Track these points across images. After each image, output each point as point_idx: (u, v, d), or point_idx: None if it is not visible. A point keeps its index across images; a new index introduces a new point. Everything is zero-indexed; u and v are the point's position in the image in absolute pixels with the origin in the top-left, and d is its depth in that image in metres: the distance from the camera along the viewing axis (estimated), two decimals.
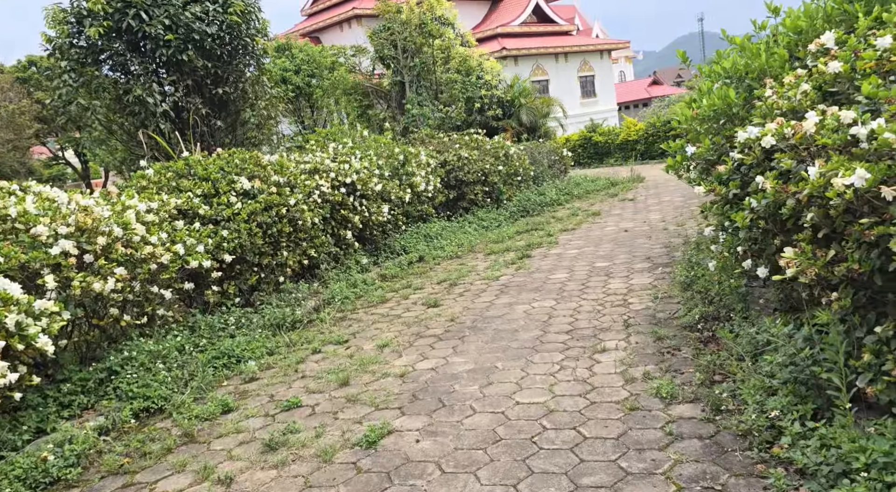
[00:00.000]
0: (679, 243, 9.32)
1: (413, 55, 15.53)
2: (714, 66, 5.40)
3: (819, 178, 2.96)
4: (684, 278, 6.86)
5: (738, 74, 5.02)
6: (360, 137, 11.82)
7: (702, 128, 4.93)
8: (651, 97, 61.73)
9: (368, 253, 10.36)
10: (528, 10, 41.90)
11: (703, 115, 4.78)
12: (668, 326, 5.75)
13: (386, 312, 7.72)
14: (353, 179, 9.76)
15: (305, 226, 8.37)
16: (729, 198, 4.42)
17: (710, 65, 5.54)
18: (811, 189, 2.95)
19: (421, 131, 14.71)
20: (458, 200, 13.26)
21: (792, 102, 3.76)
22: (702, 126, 4.92)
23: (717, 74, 5.31)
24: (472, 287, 8.44)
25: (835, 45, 3.92)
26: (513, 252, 10.34)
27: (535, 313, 6.81)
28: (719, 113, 4.69)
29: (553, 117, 21.31)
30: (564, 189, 16.35)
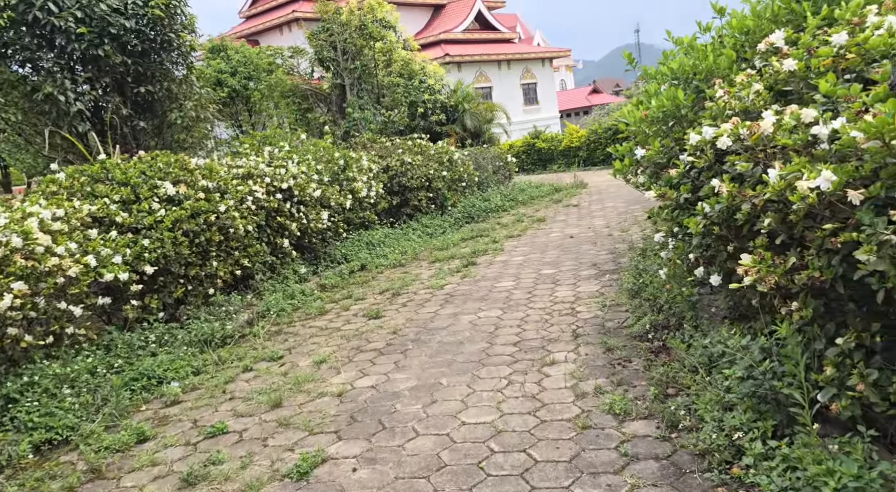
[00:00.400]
0: (624, 249, 9.24)
1: (353, 58, 15.12)
2: (660, 68, 5.26)
3: (780, 181, 2.77)
4: (632, 286, 6.72)
5: (685, 75, 4.88)
6: (298, 141, 11.34)
7: (650, 130, 4.76)
8: (591, 105, 62.91)
9: (307, 262, 9.90)
10: (470, 17, 41.99)
11: (652, 116, 4.61)
12: (618, 335, 5.56)
13: (325, 325, 7.30)
14: (290, 184, 9.29)
15: (238, 234, 7.87)
16: (680, 203, 4.25)
17: (657, 66, 5.39)
18: (772, 193, 2.75)
19: (362, 136, 14.32)
20: (402, 206, 12.92)
21: (744, 103, 3.59)
22: (650, 128, 4.75)
23: (664, 76, 5.16)
24: (415, 297, 8.11)
25: (785, 45, 3.79)
26: (458, 259, 10.06)
27: (481, 324, 6.53)
28: (668, 115, 4.53)
29: (497, 123, 21.24)
30: (509, 195, 16.23)
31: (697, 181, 4.15)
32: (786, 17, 4.30)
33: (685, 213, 4.23)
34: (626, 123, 5.32)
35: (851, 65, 3.05)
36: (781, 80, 3.48)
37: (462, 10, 42.56)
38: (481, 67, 40.77)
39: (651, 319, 5.47)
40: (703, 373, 4.02)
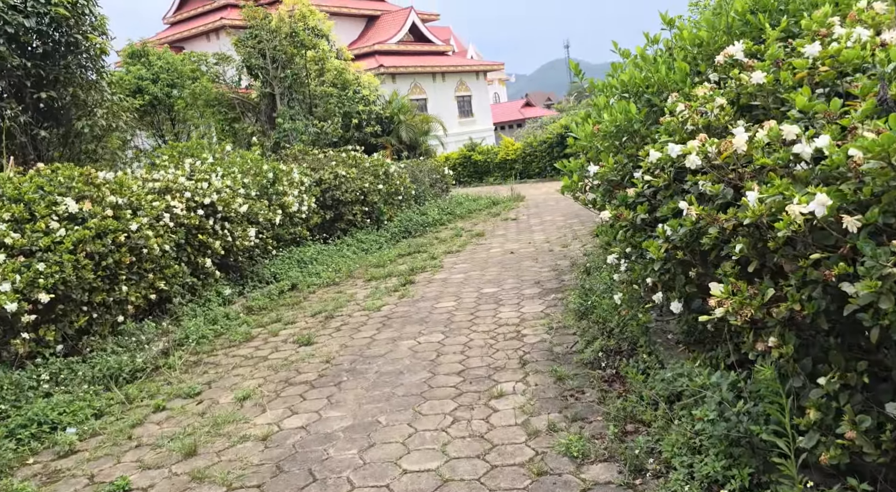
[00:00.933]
0: (566, 266, 9.01)
1: (284, 66, 14.47)
2: (609, 80, 5.00)
3: (759, 205, 2.47)
4: (578, 306, 6.44)
5: (636, 88, 4.63)
6: (223, 153, 10.63)
7: (602, 145, 4.47)
8: (525, 118, 63.84)
9: (232, 282, 9.20)
10: (404, 29, 41.79)
11: (604, 131, 4.32)
12: (568, 362, 5.23)
13: (250, 354, 6.68)
14: (214, 199, 8.62)
15: (153, 254, 7.15)
16: (636, 223, 3.95)
17: (605, 78, 5.14)
18: (752, 217, 2.45)
19: (294, 147, 13.67)
20: (336, 220, 12.35)
21: (707, 118, 3.32)
22: (602, 143, 4.46)
23: (613, 88, 4.91)
24: (350, 320, 7.59)
25: (745, 57, 3.56)
26: (395, 278, 9.60)
27: (421, 350, 6.09)
28: (621, 129, 4.25)
29: (433, 135, 20.93)
30: (447, 209, 15.90)
31: (654, 201, 3.88)
32: (740, 30, 4.11)
33: (642, 234, 3.94)
34: (574, 138, 5.03)
35: (825, 78, 2.81)
36: (747, 94, 3.23)
37: (396, 22, 42.32)
38: (416, 79, 40.55)
39: (602, 345, 5.17)
40: (665, 408, 3.71)
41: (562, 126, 24.40)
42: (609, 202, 4.28)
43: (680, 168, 3.58)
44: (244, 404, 5.25)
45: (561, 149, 24.48)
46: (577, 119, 5.24)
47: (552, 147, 24.59)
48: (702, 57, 4.30)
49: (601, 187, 4.35)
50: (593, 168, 4.21)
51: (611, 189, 4.33)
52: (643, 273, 4.03)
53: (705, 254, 3.35)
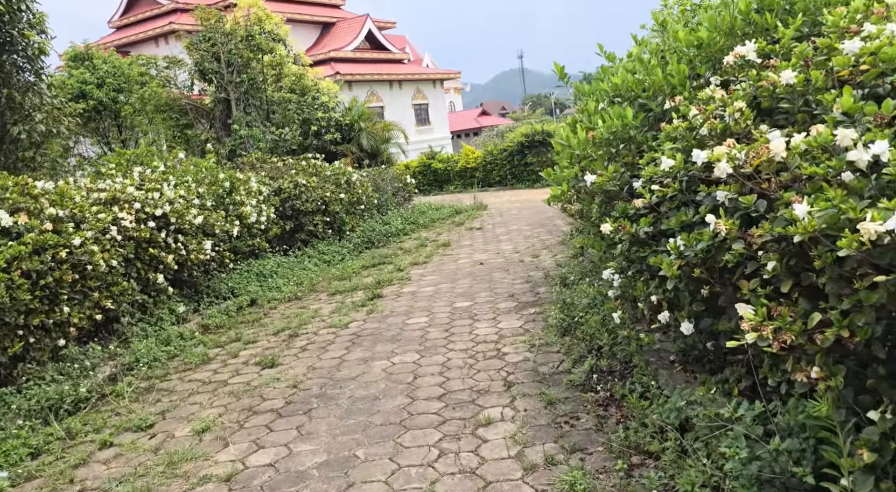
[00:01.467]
0: (540, 278, 8.73)
1: (240, 70, 13.85)
2: (598, 84, 4.72)
3: (810, 219, 2.17)
4: (560, 322, 6.14)
5: (628, 93, 4.36)
6: (175, 161, 10.01)
7: (596, 154, 4.17)
8: (481, 127, 64.08)
9: (187, 299, 8.60)
10: (360, 37, 41.36)
11: (599, 138, 4.02)
12: (556, 384, 4.90)
13: (208, 378, 6.15)
14: (166, 210, 8.02)
15: (98, 271, 6.55)
16: (639, 237, 3.65)
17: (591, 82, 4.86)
18: (803, 232, 2.16)
19: (251, 155, 13.08)
20: (296, 231, 11.82)
21: (725, 122, 3.04)
22: (596, 151, 4.16)
23: (603, 92, 4.62)
24: (316, 338, 7.11)
25: (757, 57, 3.30)
26: (361, 291, 9.15)
27: (396, 372, 5.67)
28: (617, 136, 3.95)
29: (394, 143, 20.53)
30: (410, 218, 15.51)
31: (658, 213, 3.58)
32: (743, 30, 3.87)
33: (645, 249, 3.65)
34: (563, 145, 4.72)
35: (868, 78, 2.55)
36: (768, 96, 2.96)
37: (352, 29, 41.86)
38: (373, 87, 40.11)
39: (592, 365, 4.86)
40: (675, 438, 3.40)
41: (522, 135, 24.35)
42: (608, 214, 3.98)
43: (690, 178, 3.30)
44: (203, 437, 4.74)
45: (521, 157, 24.45)
46: (563, 126, 4.94)
47: (513, 156, 24.51)
48: (700, 59, 4.05)
49: (598, 198, 4.05)
50: (590, 177, 3.91)
51: (609, 200, 4.03)
52: (646, 290, 3.73)
53: (724, 271, 3.06)
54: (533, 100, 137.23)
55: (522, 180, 24.47)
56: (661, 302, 3.62)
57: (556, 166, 5.32)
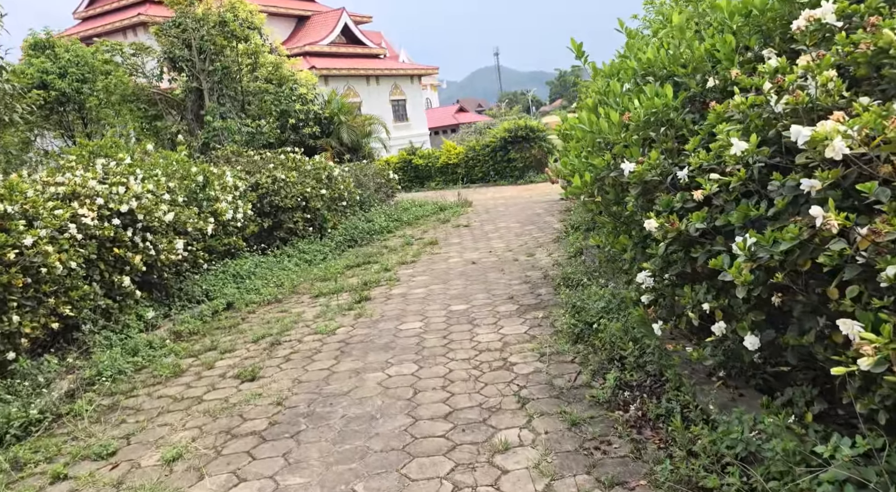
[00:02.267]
0: (538, 278, 8.20)
1: (212, 58, 13.08)
2: (624, 62, 4.18)
3: None
4: (570, 328, 5.61)
5: (662, 70, 3.82)
6: (143, 153, 9.27)
7: (630, 139, 3.62)
8: (459, 123, 63.62)
9: (157, 303, 7.91)
10: (336, 31, 40.54)
11: (636, 120, 3.48)
12: (577, 400, 4.36)
13: (180, 393, 5.50)
14: (133, 206, 7.33)
15: (54, 274, 5.87)
16: (690, 235, 3.11)
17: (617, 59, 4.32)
18: None
19: (226, 148, 12.34)
20: (275, 229, 11.14)
21: (809, 95, 2.52)
22: (630, 137, 3.61)
23: (630, 71, 4.08)
24: (301, 346, 6.49)
25: (837, 20, 2.78)
26: (347, 293, 8.53)
27: (394, 386, 5.09)
28: (658, 118, 3.41)
29: (376, 137, 19.86)
30: (393, 215, 14.90)
31: (714, 206, 3.05)
32: None
33: (697, 249, 3.11)
34: (585, 130, 4.17)
35: None
36: (865, 63, 2.44)
37: (328, 23, 41.00)
38: (349, 82, 39.29)
39: (616, 378, 4.32)
40: (738, 473, 2.87)
41: (505, 130, 23.84)
42: (647, 209, 3.43)
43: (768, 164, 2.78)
44: (174, 467, 4.11)
45: (504, 153, 23.92)
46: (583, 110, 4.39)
47: (495, 151, 23.97)
48: (749, 29, 3.53)
49: (633, 190, 3.50)
50: (628, 166, 3.36)
51: (646, 192, 3.49)
52: (695, 297, 3.20)
53: (808, 277, 2.54)
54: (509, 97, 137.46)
55: (505, 177, 23.97)
56: (715, 311, 3.09)
57: (569, 155, 4.77)
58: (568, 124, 6.49)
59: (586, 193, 4.15)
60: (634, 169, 3.34)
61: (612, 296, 5.44)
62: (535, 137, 23.42)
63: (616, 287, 5.67)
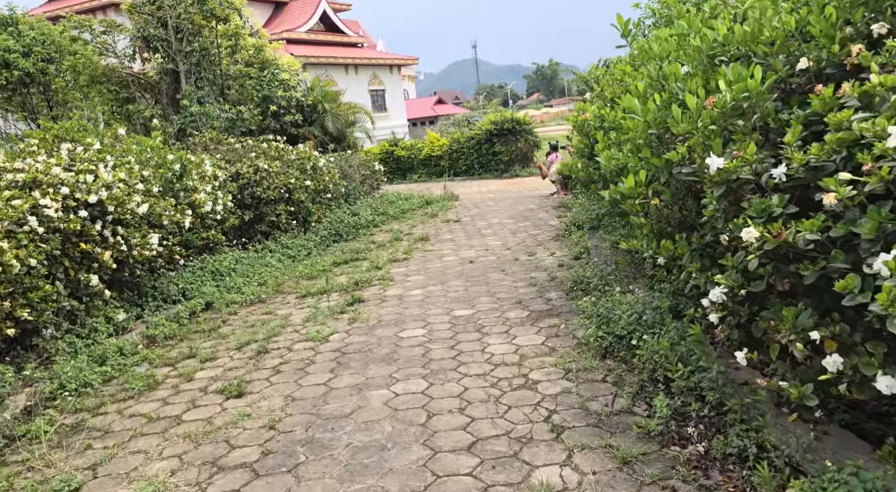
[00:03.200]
0: (544, 280, 7.64)
1: (189, 39, 12.23)
2: (686, 41, 3.61)
3: None
4: (596, 340, 5.06)
5: (738, 48, 3.26)
6: (113, 138, 8.49)
7: (706, 130, 3.05)
8: (437, 115, 63.02)
9: (128, 303, 7.18)
10: (315, 17, 39.56)
11: (722, 107, 2.91)
12: (621, 430, 3.80)
13: (155, 412, 4.82)
14: (102, 196, 6.59)
15: (11, 273, 5.14)
16: (798, 247, 2.56)
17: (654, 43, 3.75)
18: None
19: (204, 135, 11.54)
20: (256, 222, 10.42)
21: None
22: (705, 128, 3.04)
23: (695, 50, 3.51)
24: (291, 355, 5.84)
25: None
26: (337, 294, 7.89)
27: (403, 407, 4.48)
28: (753, 104, 2.85)
29: (360, 127, 19.10)
30: (379, 208, 14.25)
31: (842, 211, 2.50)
32: None
33: (808, 266, 2.56)
34: (636, 119, 3.59)
35: None
36: None
37: (306, 10, 39.97)
38: (328, 71, 38.28)
39: (668, 405, 3.78)
40: None
41: (490, 122, 23.26)
42: (734, 214, 2.87)
43: None
44: None
45: (490, 145, 23.34)
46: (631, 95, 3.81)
47: (480, 144, 23.40)
48: (851, 1, 2.98)
49: (716, 191, 2.93)
50: (716, 162, 2.79)
51: (730, 193, 2.92)
52: (800, 324, 2.65)
53: None
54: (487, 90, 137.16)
55: (490, 170, 23.43)
56: (826, 341, 2.54)
57: (611, 148, 4.20)
58: (592, 114, 5.92)
59: (640, 194, 3.58)
60: (724, 165, 2.77)
61: (645, 305, 4.89)
62: (521, 130, 22.91)
63: (647, 295, 5.13)
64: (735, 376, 3.75)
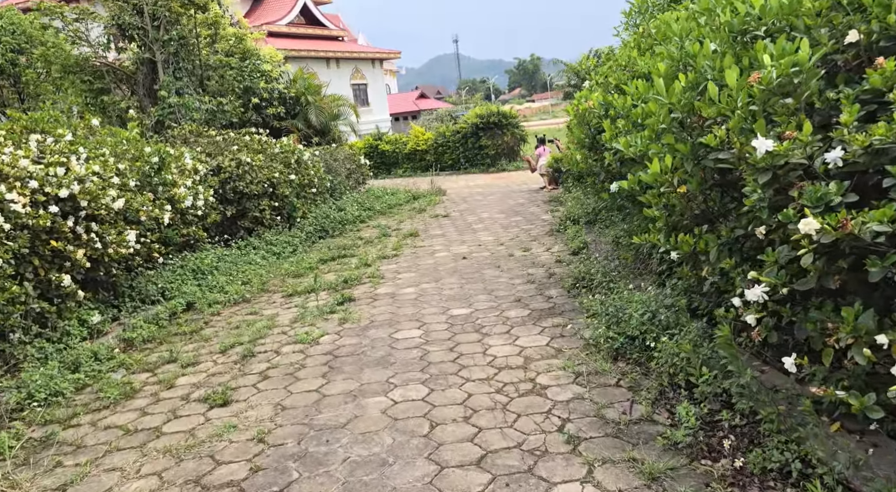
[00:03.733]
0: (542, 276, 7.35)
1: (167, 27, 11.74)
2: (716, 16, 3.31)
3: None
4: (606, 341, 4.77)
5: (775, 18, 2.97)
6: (87, 130, 8.03)
7: (743, 111, 2.75)
8: (420, 110, 62.67)
9: (104, 304, 6.77)
10: (295, 10, 38.99)
11: (768, 83, 2.61)
12: (643, 441, 3.50)
13: (133, 423, 4.45)
14: (74, 190, 6.18)
15: None
16: (865, 241, 2.27)
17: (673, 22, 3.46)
18: None
19: (183, 127, 11.07)
20: (239, 218, 10.01)
21: None
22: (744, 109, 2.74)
23: (721, 27, 3.21)
24: (279, 359, 5.48)
25: None
26: (325, 292, 7.54)
27: (402, 416, 4.15)
28: (807, 79, 2.55)
29: (345, 120, 18.65)
30: (365, 203, 13.88)
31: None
32: None
33: (878, 261, 2.27)
34: (661, 102, 3.29)
35: None
36: None
37: (286, 2, 39.38)
38: (309, 64, 37.62)
39: (696, 414, 3.48)
40: None
41: (477, 115, 22.91)
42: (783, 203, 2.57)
43: None
44: None
45: (476, 139, 23.00)
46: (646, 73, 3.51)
47: (466, 138, 23.07)
48: None
49: (761, 178, 2.63)
50: (763, 144, 2.49)
51: (775, 180, 2.62)
52: (861, 326, 2.36)
53: None
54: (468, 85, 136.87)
55: (476, 164, 23.12)
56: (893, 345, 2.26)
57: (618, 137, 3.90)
58: (596, 102, 5.63)
59: (665, 182, 3.28)
60: (773, 148, 2.47)
61: (658, 303, 4.60)
62: (508, 123, 22.62)
63: (658, 293, 4.84)
64: (763, 381, 3.47)
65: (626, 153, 3.65)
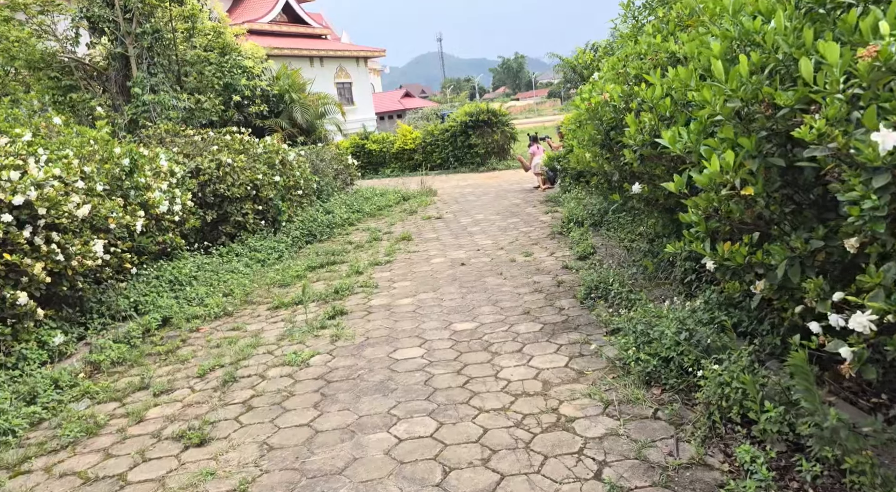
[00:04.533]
0: (550, 285, 6.79)
1: (140, 20, 11.04)
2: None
3: None
4: (634, 363, 4.21)
5: None
6: (47, 128, 7.35)
7: (845, 96, 2.20)
8: (405, 109, 61.99)
9: (67, 322, 6.12)
10: (277, 8, 38.27)
11: (888, 58, 2.06)
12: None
13: (93, 469, 3.83)
14: (31, 196, 5.53)
15: None
16: None
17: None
18: None
19: (159, 126, 10.38)
20: (220, 223, 9.37)
21: None
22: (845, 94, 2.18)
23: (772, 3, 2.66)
24: (265, 385, 4.88)
25: None
26: (315, 304, 6.94)
27: (409, 459, 3.56)
28: None
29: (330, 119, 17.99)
30: (354, 205, 13.26)
31: None
32: None
33: None
34: (719, 87, 2.73)
35: None
36: None
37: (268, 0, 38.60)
38: (293, 62, 36.85)
39: (763, 460, 2.93)
40: None
41: (466, 113, 22.33)
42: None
43: None
44: None
45: (465, 138, 22.42)
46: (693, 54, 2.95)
47: (455, 136, 22.49)
48: None
49: (877, 179, 2.08)
50: (891, 138, 1.94)
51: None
52: None
53: None
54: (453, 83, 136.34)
55: (466, 163, 22.54)
56: None
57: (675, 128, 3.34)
58: (615, 95, 5.09)
59: (727, 183, 2.72)
60: None
61: (695, 319, 4.06)
62: (498, 121, 22.07)
63: (691, 307, 4.29)
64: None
65: (673, 150, 3.09)
